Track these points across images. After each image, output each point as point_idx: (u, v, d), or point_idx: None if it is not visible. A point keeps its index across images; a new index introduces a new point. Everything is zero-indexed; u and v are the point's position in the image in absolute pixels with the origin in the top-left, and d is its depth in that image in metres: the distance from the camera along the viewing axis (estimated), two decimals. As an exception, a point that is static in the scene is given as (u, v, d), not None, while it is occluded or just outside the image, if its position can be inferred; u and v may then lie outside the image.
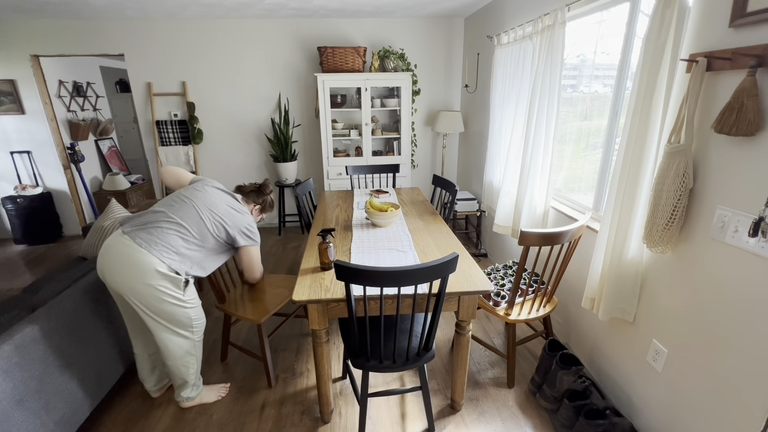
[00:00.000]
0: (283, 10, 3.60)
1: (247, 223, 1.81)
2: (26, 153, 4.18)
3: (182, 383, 1.84)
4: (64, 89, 4.36)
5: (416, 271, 1.32)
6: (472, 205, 3.61)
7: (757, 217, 1.13)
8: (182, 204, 1.70)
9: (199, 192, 1.76)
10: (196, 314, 1.75)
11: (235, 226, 1.76)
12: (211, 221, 1.71)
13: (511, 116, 2.83)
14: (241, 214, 1.80)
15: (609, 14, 2.05)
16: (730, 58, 1.19)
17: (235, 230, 1.76)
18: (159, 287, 1.58)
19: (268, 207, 2.02)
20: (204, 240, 1.70)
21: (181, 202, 1.70)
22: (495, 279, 2.24)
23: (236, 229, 1.77)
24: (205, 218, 1.69)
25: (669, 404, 1.54)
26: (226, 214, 1.75)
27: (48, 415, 1.49)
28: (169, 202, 1.71)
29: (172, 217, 1.64)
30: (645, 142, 1.51)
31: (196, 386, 1.89)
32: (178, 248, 1.62)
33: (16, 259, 3.91)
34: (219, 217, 1.72)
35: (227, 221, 1.74)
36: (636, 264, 1.66)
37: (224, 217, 1.74)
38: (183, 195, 1.74)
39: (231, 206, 1.79)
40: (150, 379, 1.93)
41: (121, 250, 1.56)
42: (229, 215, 1.76)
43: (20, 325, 1.49)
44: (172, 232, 1.62)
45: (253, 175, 4.45)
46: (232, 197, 1.84)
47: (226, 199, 1.81)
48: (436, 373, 2.14)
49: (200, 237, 1.68)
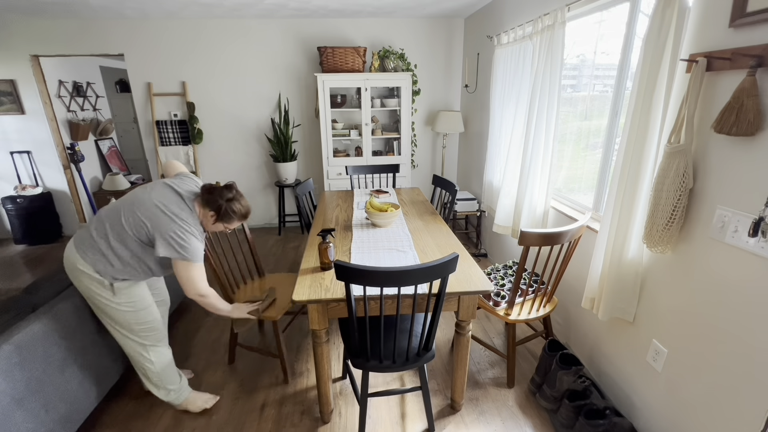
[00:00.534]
0: (283, 10, 3.60)
1: (173, 231, 1.51)
2: (26, 153, 4.18)
3: (150, 386, 1.79)
4: (64, 89, 4.36)
5: (416, 271, 1.32)
6: (472, 205, 3.61)
7: (757, 217, 1.13)
8: (116, 201, 1.60)
9: (142, 188, 1.62)
10: (136, 319, 1.65)
11: (157, 230, 1.51)
12: (130, 221, 1.52)
13: (511, 116, 2.83)
14: (171, 217, 1.52)
15: (609, 14, 2.05)
16: (730, 58, 1.19)
17: (156, 234, 1.51)
18: (88, 286, 1.56)
19: (226, 216, 1.61)
20: (124, 241, 1.54)
21: (115, 206, 1.58)
22: (495, 279, 2.24)
23: (158, 233, 1.51)
24: (123, 217, 1.53)
25: (669, 404, 1.54)
26: (152, 216, 1.52)
27: (48, 415, 1.49)
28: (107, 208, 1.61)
29: (100, 214, 1.59)
30: (645, 142, 1.51)
31: (172, 391, 1.81)
32: (99, 246, 1.54)
33: (16, 259, 3.91)
34: (139, 217, 1.52)
35: (148, 223, 1.51)
36: (636, 264, 1.66)
37: (147, 218, 1.52)
38: (124, 197, 1.63)
39: (163, 207, 1.53)
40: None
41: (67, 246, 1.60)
42: (155, 217, 1.52)
43: (20, 325, 1.49)
44: (92, 228, 1.56)
45: (253, 175, 4.45)
46: (179, 197, 1.59)
47: (165, 197, 1.57)
48: (436, 373, 2.14)
49: (118, 237, 1.54)
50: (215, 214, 1.60)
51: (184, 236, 1.53)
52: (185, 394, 1.87)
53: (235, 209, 1.62)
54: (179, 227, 1.53)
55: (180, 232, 1.52)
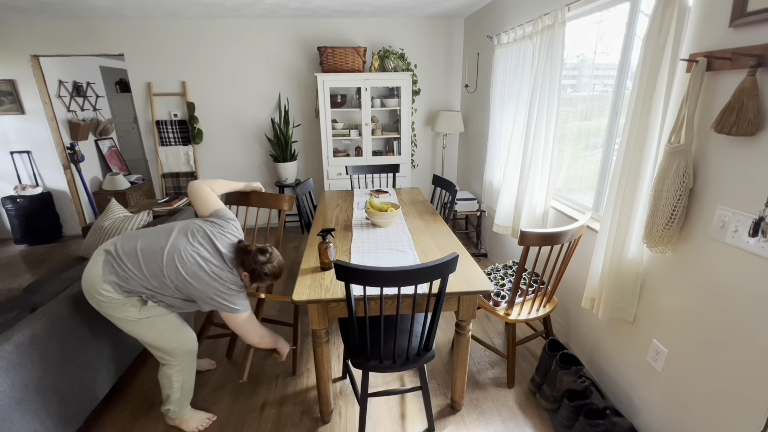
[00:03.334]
0: (283, 10, 3.60)
1: (216, 291, 1.52)
2: (26, 153, 4.18)
3: (165, 397, 1.77)
4: (64, 89, 4.36)
5: (416, 271, 1.32)
6: (472, 205, 3.61)
7: (757, 217, 1.13)
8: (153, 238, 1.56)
9: (182, 233, 1.58)
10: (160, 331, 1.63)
11: (199, 291, 1.52)
12: (172, 276, 1.51)
13: (511, 116, 2.83)
14: (213, 278, 1.52)
15: (609, 14, 2.05)
16: (730, 58, 1.19)
17: (200, 294, 1.52)
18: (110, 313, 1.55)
19: (259, 278, 1.60)
20: (163, 290, 1.55)
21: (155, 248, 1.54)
22: (495, 279, 2.24)
23: (201, 294, 1.52)
24: (165, 269, 1.51)
25: (669, 404, 1.54)
26: (194, 276, 1.51)
27: (48, 415, 1.49)
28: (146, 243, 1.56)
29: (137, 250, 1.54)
30: (645, 142, 1.51)
31: (179, 404, 1.77)
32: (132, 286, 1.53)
33: (16, 259, 3.91)
34: (183, 275, 1.51)
35: (191, 281, 1.51)
36: (636, 264, 1.66)
37: (191, 277, 1.51)
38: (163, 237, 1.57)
39: (206, 267, 1.52)
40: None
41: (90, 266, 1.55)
42: (197, 278, 1.51)
43: (20, 325, 1.49)
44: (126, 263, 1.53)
45: (253, 175, 4.45)
46: (219, 256, 1.57)
47: (207, 255, 1.55)
48: (436, 373, 2.14)
49: (159, 284, 1.54)
50: (249, 275, 1.60)
51: (228, 294, 1.54)
52: (186, 409, 1.82)
53: (267, 272, 1.60)
54: (220, 290, 1.53)
55: (222, 293, 1.53)
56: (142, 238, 1.58)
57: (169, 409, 1.77)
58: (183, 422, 1.80)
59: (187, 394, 1.78)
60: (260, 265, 1.58)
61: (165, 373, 1.71)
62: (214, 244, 1.58)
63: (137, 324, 1.58)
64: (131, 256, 1.53)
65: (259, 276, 1.59)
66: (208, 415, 1.85)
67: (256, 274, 1.59)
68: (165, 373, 1.71)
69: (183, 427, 1.80)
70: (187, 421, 1.80)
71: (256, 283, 1.63)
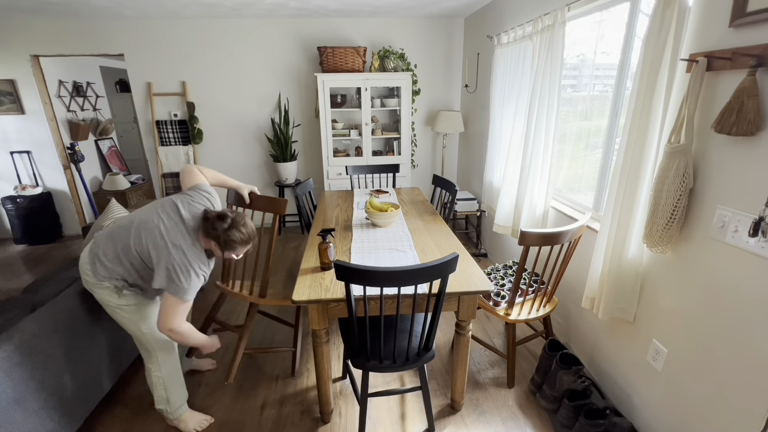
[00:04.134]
0: (283, 10, 3.60)
1: (173, 264, 1.45)
2: (26, 153, 4.18)
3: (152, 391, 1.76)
4: (64, 89, 4.36)
5: (416, 271, 1.32)
6: (472, 205, 3.61)
7: (757, 217, 1.13)
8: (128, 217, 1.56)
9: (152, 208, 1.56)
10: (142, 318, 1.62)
11: (159, 261, 1.46)
12: (137, 245, 1.50)
13: (511, 116, 2.83)
14: (172, 248, 1.46)
15: (609, 14, 2.05)
16: (730, 57, 1.19)
17: (158, 265, 1.47)
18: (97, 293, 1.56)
19: (228, 246, 1.52)
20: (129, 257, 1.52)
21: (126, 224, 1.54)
22: (495, 279, 2.24)
23: (160, 264, 1.46)
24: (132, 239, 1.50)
25: (669, 404, 1.54)
26: (156, 245, 1.47)
27: (48, 414, 1.49)
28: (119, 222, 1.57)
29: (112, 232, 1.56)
30: (645, 142, 1.51)
31: (168, 403, 1.75)
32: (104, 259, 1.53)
33: (16, 259, 3.91)
34: (146, 244, 1.49)
35: (153, 252, 1.48)
36: (636, 264, 1.66)
37: (153, 246, 1.48)
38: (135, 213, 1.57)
39: (167, 236, 1.47)
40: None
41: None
42: (158, 247, 1.47)
43: (20, 325, 1.49)
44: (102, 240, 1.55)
45: (253, 175, 4.45)
46: (183, 225, 1.52)
47: (170, 225, 1.50)
48: (436, 373, 2.14)
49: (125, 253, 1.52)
50: (217, 244, 1.52)
51: (183, 272, 1.46)
52: (182, 409, 1.81)
53: (234, 238, 1.51)
54: (182, 261, 1.46)
55: (180, 267, 1.46)
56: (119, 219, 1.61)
57: (163, 408, 1.76)
58: (181, 422, 1.79)
59: (174, 392, 1.75)
60: (223, 232, 1.50)
61: (146, 371, 1.72)
62: (179, 213, 1.52)
63: (117, 310, 1.59)
64: (107, 236, 1.56)
65: (226, 243, 1.51)
66: (205, 416, 1.85)
67: (222, 242, 1.51)
68: (146, 371, 1.72)
69: (181, 428, 1.79)
70: (185, 422, 1.80)
71: (228, 251, 1.55)
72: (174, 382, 1.75)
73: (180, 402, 1.79)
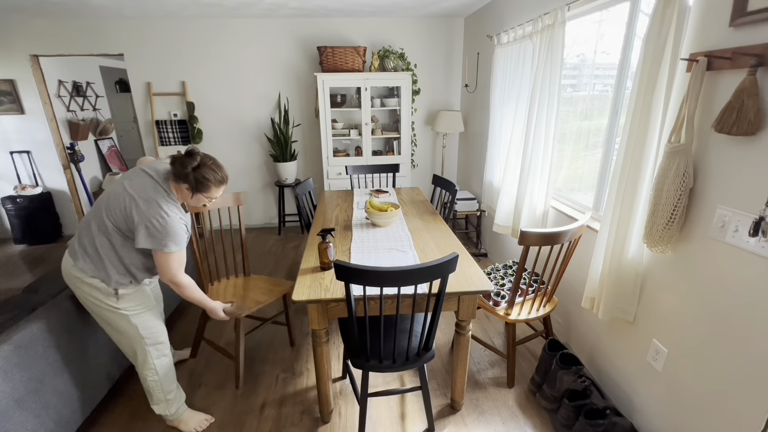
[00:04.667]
0: (283, 10, 3.60)
1: (152, 217, 1.41)
2: (26, 153, 4.18)
3: (151, 400, 1.74)
4: (64, 89, 4.36)
5: (416, 271, 1.32)
6: (472, 205, 3.61)
7: (757, 216, 1.13)
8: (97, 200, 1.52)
9: (117, 181, 1.52)
10: (142, 323, 1.60)
11: (136, 218, 1.42)
12: (111, 214, 1.44)
13: (511, 116, 2.83)
14: (148, 202, 1.42)
15: (609, 14, 2.04)
16: (730, 57, 1.19)
17: (137, 224, 1.42)
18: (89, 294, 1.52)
19: (201, 186, 1.47)
20: (110, 237, 1.46)
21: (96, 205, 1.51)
22: (495, 279, 2.24)
23: (138, 222, 1.41)
24: (105, 212, 1.45)
25: (669, 404, 1.53)
26: (128, 205, 1.42)
27: (48, 414, 1.49)
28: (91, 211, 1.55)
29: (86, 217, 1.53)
30: (645, 141, 1.51)
31: (169, 404, 1.75)
32: (86, 247, 1.48)
33: (16, 259, 3.91)
34: (119, 207, 1.43)
35: (126, 211, 1.42)
36: (636, 264, 1.66)
37: (125, 208, 1.42)
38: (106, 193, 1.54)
39: (139, 193, 1.43)
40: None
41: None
42: (132, 205, 1.41)
43: (20, 325, 1.49)
44: (81, 229, 1.51)
45: (253, 175, 4.45)
46: (152, 179, 1.48)
47: (138, 183, 1.46)
48: (436, 373, 2.13)
49: (104, 233, 1.46)
50: (189, 187, 1.47)
51: (163, 222, 1.42)
52: (182, 409, 1.80)
53: (207, 176, 1.47)
54: (157, 212, 1.42)
55: (159, 219, 1.42)
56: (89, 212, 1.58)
57: (163, 411, 1.76)
58: (181, 422, 1.79)
59: (172, 393, 1.75)
60: (193, 170, 1.45)
61: (142, 378, 1.69)
62: (146, 173, 1.50)
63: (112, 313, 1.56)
64: (82, 224, 1.54)
65: (199, 182, 1.47)
66: (206, 416, 1.84)
67: (193, 181, 1.46)
68: (142, 378, 1.69)
69: (181, 428, 1.79)
70: (185, 422, 1.79)
71: (202, 193, 1.51)
72: (171, 382, 1.75)
73: (179, 402, 1.79)
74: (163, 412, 1.76)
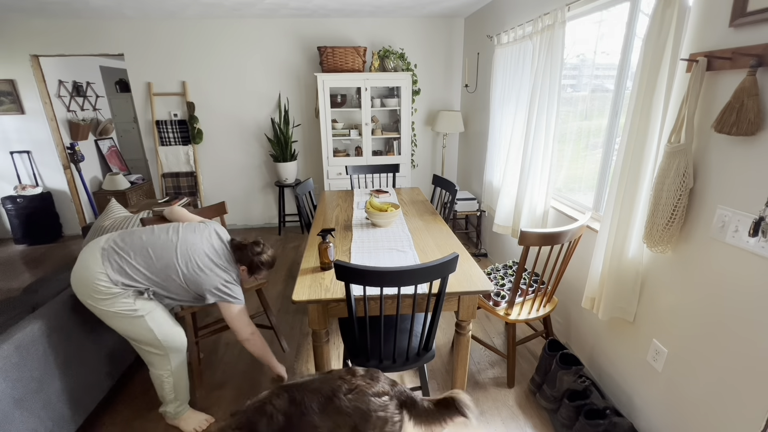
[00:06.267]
0: (283, 10, 3.60)
1: (224, 281, 1.64)
2: (26, 153, 4.18)
3: (161, 398, 1.77)
4: (64, 89, 4.36)
5: (416, 271, 1.32)
6: (472, 205, 3.61)
7: (757, 216, 1.13)
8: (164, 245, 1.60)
9: (191, 230, 1.69)
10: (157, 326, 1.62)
11: (211, 282, 1.61)
12: (183, 266, 1.59)
13: (511, 116, 2.83)
14: (222, 268, 1.65)
15: (609, 14, 2.05)
16: (730, 57, 1.19)
17: (208, 286, 1.61)
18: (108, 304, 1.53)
19: (257, 268, 1.75)
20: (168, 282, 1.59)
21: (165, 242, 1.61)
22: (495, 279, 2.24)
23: (210, 284, 1.61)
24: (177, 259, 1.58)
25: (669, 404, 1.53)
26: (205, 266, 1.61)
27: (48, 414, 1.49)
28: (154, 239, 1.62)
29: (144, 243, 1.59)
30: (645, 141, 1.51)
31: (174, 405, 1.77)
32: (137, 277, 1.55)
33: (16, 259, 3.91)
34: (196, 263, 1.60)
35: (201, 274, 1.60)
36: (636, 264, 1.66)
37: (202, 266, 1.61)
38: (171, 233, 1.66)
39: (216, 258, 1.65)
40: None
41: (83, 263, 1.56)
42: (207, 269, 1.61)
43: (20, 325, 1.49)
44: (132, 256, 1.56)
45: (253, 175, 4.45)
46: (225, 248, 1.71)
47: (215, 247, 1.68)
48: (436, 373, 2.13)
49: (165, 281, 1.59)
50: (246, 268, 1.74)
51: (232, 284, 1.67)
52: (184, 409, 1.81)
53: (264, 261, 1.75)
54: (226, 280, 1.65)
55: (228, 283, 1.65)
56: (146, 234, 1.62)
57: (167, 410, 1.77)
58: (182, 422, 1.79)
59: (181, 394, 1.77)
60: (256, 255, 1.72)
61: (155, 375, 1.70)
62: (219, 238, 1.73)
63: (131, 320, 1.56)
64: (138, 250, 1.57)
65: (256, 267, 1.74)
66: (206, 416, 1.84)
67: (253, 266, 1.73)
68: (155, 375, 1.70)
69: (182, 427, 1.79)
70: (186, 421, 1.80)
71: (254, 275, 1.77)
72: (184, 382, 1.77)
73: (184, 402, 1.80)
74: (167, 409, 1.77)
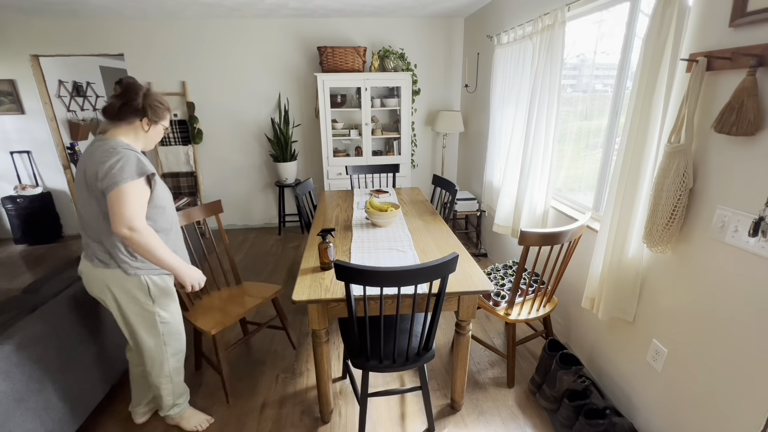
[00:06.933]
0: (283, 10, 3.60)
1: (111, 161, 1.30)
2: (26, 153, 4.18)
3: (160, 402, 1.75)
4: (64, 89, 4.36)
5: (416, 271, 1.32)
6: (472, 205, 3.61)
7: (757, 216, 1.13)
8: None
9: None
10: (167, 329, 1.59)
11: (103, 176, 1.30)
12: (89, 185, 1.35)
13: (511, 116, 2.83)
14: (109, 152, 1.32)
15: (609, 14, 2.05)
16: (730, 57, 1.19)
17: (104, 182, 1.30)
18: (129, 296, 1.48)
19: (157, 111, 1.41)
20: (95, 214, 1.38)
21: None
22: (495, 279, 2.24)
23: (106, 179, 1.30)
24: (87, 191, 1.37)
25: (669, 404, 1.54)
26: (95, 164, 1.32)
27: (48, 414, 1.49)
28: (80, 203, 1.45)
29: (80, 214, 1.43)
30: (645, 141, 1.51)
31: (174, 408, 1.76)
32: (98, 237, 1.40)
33: (16, 259, 3.91)
34: (91, 173, 1.32)
35: (98, 174, 1.31)
36: (636, 264, 1.66)
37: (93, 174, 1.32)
38: None
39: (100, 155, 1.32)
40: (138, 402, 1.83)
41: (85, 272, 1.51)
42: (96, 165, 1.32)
43: (20, 325, 1.49)
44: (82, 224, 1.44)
45: (253, 175, 4.45)
46: (104, 142, 1.36)
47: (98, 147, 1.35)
48: (436, 373, 2.14)
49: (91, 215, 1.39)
50: (143, 116, 1.39)
51: (114, 161, 1.30)
52: (184, 408, 1.80)
53: (158, 99, 1.43)
54: (116, 155, 1.31)
55: (117, 158, 1.30)
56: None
57: (168, 414, 1.77)
58: (183, 420, 1.80)
59: (181, 398, 1.77)
60: (144, 98, 1.38)
61: (156, 386, 1.68)
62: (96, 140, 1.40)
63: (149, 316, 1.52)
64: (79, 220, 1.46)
65: (153, 109, 1.41)
66: (206, 416, 1.85)
67: (149, 109, 1.39)
68: (156, 386, 1.68)
69: (183, 425, 1.80)
70: (188, 420, 1.80)
71: (157, 119, 1.45)
72: (181, 387, 1.76)
73: (184, 403, 1.80)
74: (167, 413, 1.76)
